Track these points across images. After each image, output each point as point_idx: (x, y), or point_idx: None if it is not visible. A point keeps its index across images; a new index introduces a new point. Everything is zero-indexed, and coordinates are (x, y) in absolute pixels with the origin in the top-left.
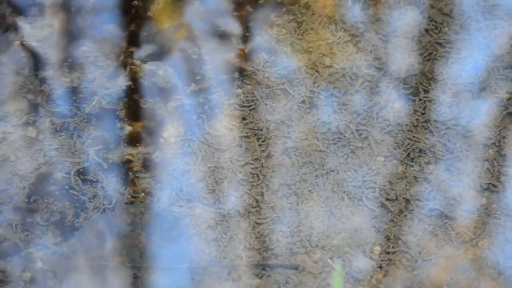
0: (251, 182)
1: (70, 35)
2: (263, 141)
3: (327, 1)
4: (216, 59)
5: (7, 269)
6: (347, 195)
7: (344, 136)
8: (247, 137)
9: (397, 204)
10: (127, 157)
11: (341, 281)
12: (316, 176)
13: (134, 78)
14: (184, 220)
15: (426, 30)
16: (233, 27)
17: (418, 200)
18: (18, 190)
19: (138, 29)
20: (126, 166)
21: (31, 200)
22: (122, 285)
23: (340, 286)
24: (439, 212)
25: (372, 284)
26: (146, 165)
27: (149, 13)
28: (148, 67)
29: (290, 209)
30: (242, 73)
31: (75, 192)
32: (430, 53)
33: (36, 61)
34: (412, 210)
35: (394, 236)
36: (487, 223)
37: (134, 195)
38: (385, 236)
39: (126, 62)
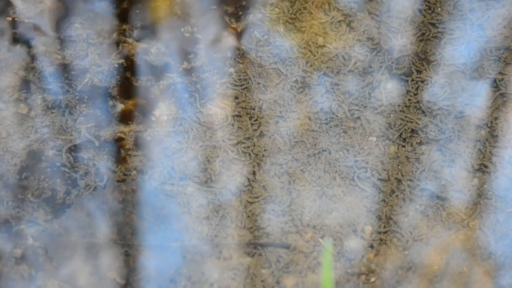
0: (243, 161)
1: (63, 12)
2: (255, 120)
3: None
4: (208, 38)
5: None
6: (339, 174)
7: (336, 116)
8: (239, 116)
9: (388, 184)
10: (119, 135)
11: (332, 260)
12: (308, 155)
13: (126, 56)
14: (175, 198)
15: (419, 10)
16: (226, 5)
17: (410, 180)
18: (9, 166)
19: (131, 6)
20: (117, 144)
21: (22, 177)
22: (113, 263)
23: (331, 266)
24: (430, 193)
25: (363, 264)
26: (138, 143)
27: None
28: (140, 45)
29: (282, 188)
30: (234, 52)
31: (66, 170)
32: (423, 34)
33: (28, 38)
34: (404, 190)
35: (386, 216)
36: (479, 204)
37: (125, 173)
38: (377, 216)
39: (118, 39)
